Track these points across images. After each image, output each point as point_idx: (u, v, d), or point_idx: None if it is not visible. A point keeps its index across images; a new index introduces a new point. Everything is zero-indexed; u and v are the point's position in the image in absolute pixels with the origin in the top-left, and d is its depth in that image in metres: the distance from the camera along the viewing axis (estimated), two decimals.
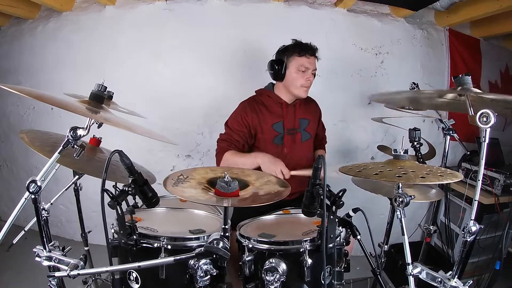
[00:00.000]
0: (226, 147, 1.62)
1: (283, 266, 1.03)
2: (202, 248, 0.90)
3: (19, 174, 2.70)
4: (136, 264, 0.91)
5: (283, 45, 1.68)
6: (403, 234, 1.00)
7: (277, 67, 1.63)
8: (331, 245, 1.09)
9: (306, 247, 1.04)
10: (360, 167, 1.06)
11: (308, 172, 1.42)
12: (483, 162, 0.86)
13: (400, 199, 0.98)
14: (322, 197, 0.94)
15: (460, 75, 1.01)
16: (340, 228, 1.18)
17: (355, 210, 1.21)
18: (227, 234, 1.00)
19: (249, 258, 1.09)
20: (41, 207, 0.95)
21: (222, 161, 1.60)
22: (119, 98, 1.68)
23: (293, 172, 1.49)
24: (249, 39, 2.34)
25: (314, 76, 1.68)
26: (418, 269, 0.97)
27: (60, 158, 0.91)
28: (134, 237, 1.05)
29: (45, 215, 1.05)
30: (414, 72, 2.50)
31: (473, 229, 0.87)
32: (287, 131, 1.68)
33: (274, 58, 1.68)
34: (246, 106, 1.68)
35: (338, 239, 1.15)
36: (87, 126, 0.93)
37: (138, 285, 1.06)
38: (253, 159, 1.53)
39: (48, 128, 1.35)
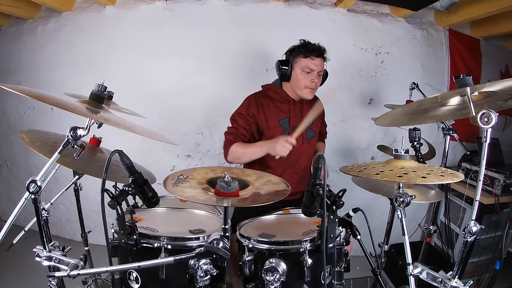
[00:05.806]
0: (232, 140, 1.63)
1: (283, 266, 1.03)
2: (202, 248, 0.90)
3: (19, 174, 2.70)
4: (136, 264, 0.91)
5: (293, 45, 1.66)
6: (403, 234, 0.99)
7: (283, 68, 1.62)
8: (331, 245, 1.09)
9: (306, 247, 1.04)
10: (361, 167, 1.06)
11: (307, 120, 1.44)
12: (484, 162, 0.85)
13: (401, 199, 0.98)
14: (322, 197, 0.94)
15: (461, 76, 1.00)
16: (340, 228, 1.18)
17: (355, 210, 1.21)
18: (227, 234, 1.00)
19: (249, 258, 1.09)
20: (41, 207, 0.94)
21: (230, 153, 1.61)
22: (119, 98, 1.68)
23: (295, 135, 1.47)
24: (249, 39, 2.34)
25: (325, 77, 1.69)
26: (418, 269, 0.97)
27: (60, 158, 0.91)
28: (134, 237, 1.05)
29: (45, 215, 1.05)
30: (414, 72, 2.50)
31: (474, 229, 0.87)
32: (292, 128, 1.67)
33: (282, 59, 1.67)
34: (251, 101, 1.68)
35: (338, 239, 1.15)
36: (87, 126, 0.93)
37: (138, 285, 1.05)
38: (260, 148, 1.56)
39: (48, 128, 1.35)
